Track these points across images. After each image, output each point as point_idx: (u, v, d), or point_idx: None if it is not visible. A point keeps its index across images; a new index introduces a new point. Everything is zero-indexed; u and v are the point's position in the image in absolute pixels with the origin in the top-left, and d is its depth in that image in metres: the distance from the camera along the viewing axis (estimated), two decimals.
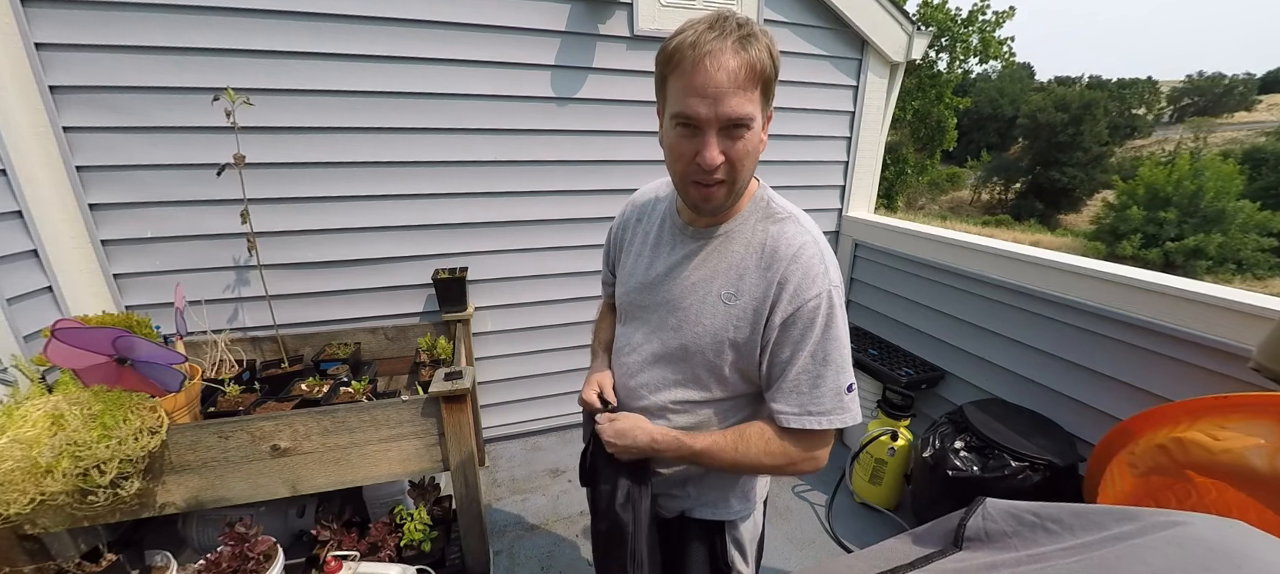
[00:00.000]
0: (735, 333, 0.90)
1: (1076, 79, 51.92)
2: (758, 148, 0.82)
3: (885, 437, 2.16)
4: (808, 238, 0.88)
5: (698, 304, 0.92)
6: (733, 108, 0.76)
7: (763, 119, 0.81)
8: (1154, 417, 1.49)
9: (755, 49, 0.75)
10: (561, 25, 2.19)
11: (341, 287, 2.24)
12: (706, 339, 0.91)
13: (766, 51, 0.77)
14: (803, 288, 0.85)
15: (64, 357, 1.23)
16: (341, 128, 2.05)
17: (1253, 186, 23.71)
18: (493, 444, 2.74)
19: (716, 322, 0.90)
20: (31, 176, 1.69)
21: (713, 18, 0.77)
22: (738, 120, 0.77)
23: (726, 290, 0.90)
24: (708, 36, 0.75)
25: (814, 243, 0.88)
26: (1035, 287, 2.02)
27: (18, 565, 1.38)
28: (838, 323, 0.86)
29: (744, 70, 0.75)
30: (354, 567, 1.55)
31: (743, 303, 0.89)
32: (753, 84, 0.76)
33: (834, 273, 0.87)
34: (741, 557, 1.11)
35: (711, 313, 0.91)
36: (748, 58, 0.75)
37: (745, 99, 0.76)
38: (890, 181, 20.47)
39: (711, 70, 0.74)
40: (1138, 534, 0.56)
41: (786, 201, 0.94)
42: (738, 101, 0.76)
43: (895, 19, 2.63)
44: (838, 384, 0.86)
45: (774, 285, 0.86)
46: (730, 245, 0.91)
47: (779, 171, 2.77)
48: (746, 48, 0.75)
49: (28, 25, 1.64)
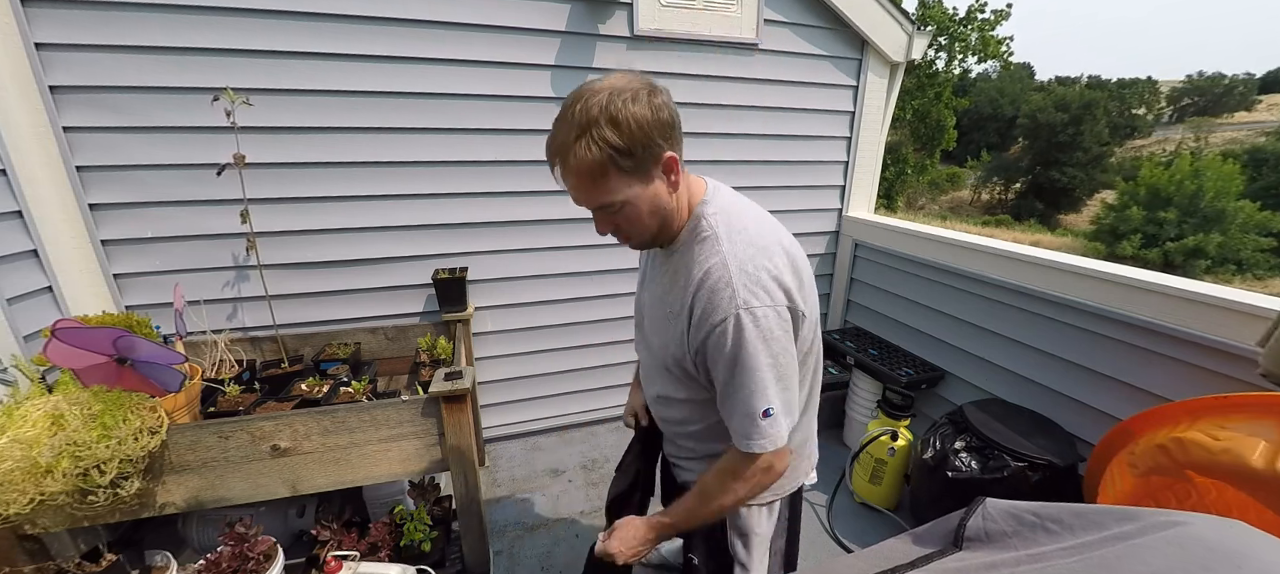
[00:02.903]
0: (677, 348, 0.96)
1: (1076, 79, 51.95)
2: (647, 206, 0.86)
3: (885, 437, 2.16)
4: (716, 260, 0.87)
5: (658, 319, 1.01)
6: (589, 205, 0.86)
7: (639, 182, 0.84)
8: (1154, 417, 1.49)
9: (585, 147, 0.78)
10: (561, 25, 2.19)
11: (341, 286, 2.24)
12: (663, 350, 1.00)
13: (601, 142, 0.78)
14: (707, 314, 0.86)
15: (64, 356, 1.23)
16: (341, 128, 2.05)
17: (1253, 186, 23.70)
18: (493, 444, 2.74)
19: (667, 336, 0.98)
20: (31, 176, 1.69)
21: (561, 113, 0.82)
22: (598, 209, 0.86)
23: (671, 309, 0.96)
24: (551, 147, 0.83)
25: (722, 265, 0.86)
26: (1035, 287, 2.02)
27: (18, 565, 1.38)
28: (748, 346, 0.83)
29: (583, 177, 0.81)
30: (354, 567, 1.55)
31: (679, 323, 0.93)
32: (596, 179, 0.81)
33: (744, 293, 0.84)
34: (743, 546, 1.10)
35: (663, 328, 0.99)
36: (582, 161, 0.79)
37: (596, 194, 0.83)
38: (890, 181, 20.49)
39: (562, 182, 0.84)
40: (1138, 534, 0.56)
41: (718, 218, 0.92)
42: (589, 199, 0.85)
43: (895, 19, 2.63)
44: (749, 409, 0.86)
45: (688, 309, 0.90)
46: (674, 267, 0.96)
47: (779, 171, 2.77)
48: (578, 151, 0.79)
49: (28, 25, 1.64)
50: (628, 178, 0.82)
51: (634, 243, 0.94)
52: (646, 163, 0.82)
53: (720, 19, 2.38)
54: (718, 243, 0.88)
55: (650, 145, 0.81)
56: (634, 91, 0.80)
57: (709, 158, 2.61)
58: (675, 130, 0.86)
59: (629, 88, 0.80)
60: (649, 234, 0.91)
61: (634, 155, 0.80)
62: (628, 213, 0.86)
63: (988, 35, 17.83)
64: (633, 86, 0.80)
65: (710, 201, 0.94)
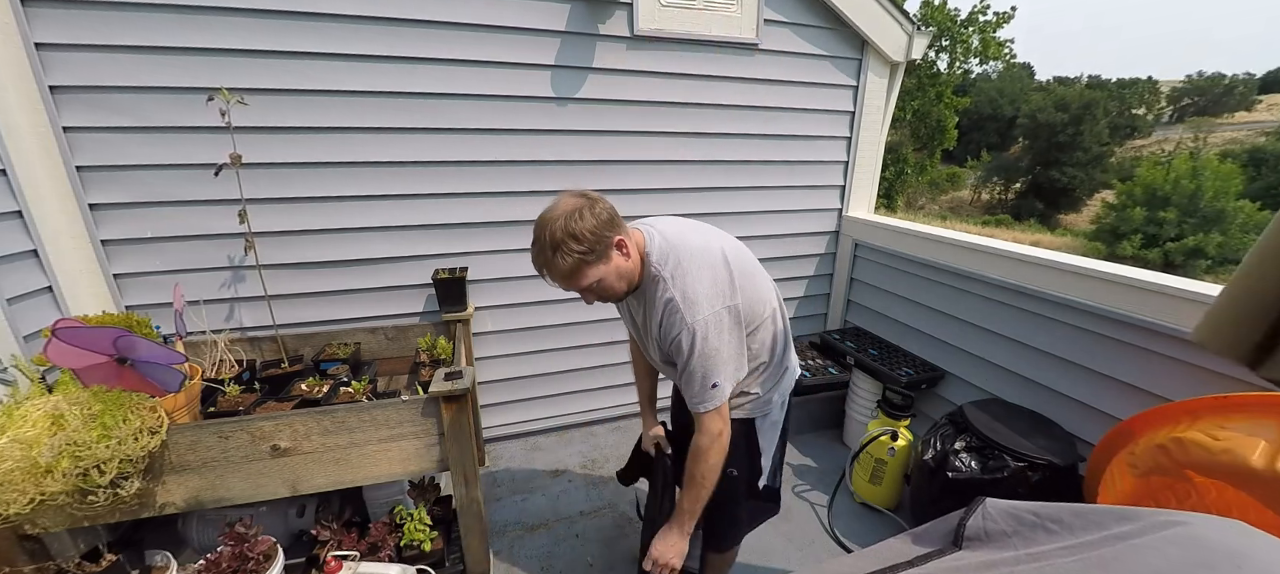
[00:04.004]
0: (661, 356, 1.31)
1: (1076, 79, 51.93)
2: (614, 276, 1.18)
3: (885, 437, 2.16)
4: (667, 296, 1.19)
5: (645, 336, 1.35)
6: (575, 291, 1.20)
7: (603, 264, 1.15)
8: (1154, 417, 1.49)
9: (560, 259, 1.11)
10: (561, 25, 2.19)
11: (341, 287, 2.24)
12: (657, 352, 1.32)
13: (568, 253, 1.10)
14: (668, 331, 1.22)
15: (65, 356, 1.23)
16: (341, 128, 2.05)
17: (1252, 186, 23.68)
18: (493, 444, 2.74)
19: (655, 344, 1.30)
20: (31, 176, 1.69)
21: (535, 239, 1.15)
22: (580, 292, 1.19)
23: (651, 331, 1.29)
24: (537, 263, 1.17)
25: (671, 300, 1.19)
26: (1035, 287, 2.02)
27: (18, 565, 1.38)
28: (695, 346, 1.17)
29: (566, 277, 1.15)
30: (354, 567, 1.55)
31: (657, 337, 1.27)
32: (573, 278, 1.14)
33: (688, 315, 1.17)
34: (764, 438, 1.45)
35: (651, 341, 1.32)
36: (561, 268, 1.13)
37: (578, 283, 1.16)
38: (890, 181, 20.47)
39: (552, 283, 1.19)
40: (1138, 534, 0.56)
41: (662, 262, 1.21)
42: (573, 287, 1.18)
43: (895, 19, 2.63)
44: (701, 383, 1.21)
45: (658, 328, 1.25)
46: (644, 300, 1.29)
47: (779, 171, 2.77)
48: (557, 263, 1.12)
49: (28, 25, 1.64)
50: (595, 266, 1.15)
51: (616, 299, 1.27)
52: (603, 250, 1.14)
53: (720, 19, 2.38)
54: (668, 285, 1.20)
55: (601, 239, 1.13)
56: (579, 210, 1.12)
57: (709, 158, 2.61)
58: (614, 221, 1.17)
59: (576, 208, 1.12)
60: (622, 292, 1.24)
61: (594, 251, 1.13)
62: (602, 287, 1.18)
63: (989, 37, 17.83)
64: (578, 207, 1.12)
65: (652, 250, 1.24)
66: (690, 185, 2.63)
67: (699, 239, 1.27)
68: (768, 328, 1.33)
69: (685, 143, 2.54)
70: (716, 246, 1.27)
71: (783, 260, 2.97)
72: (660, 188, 2.57)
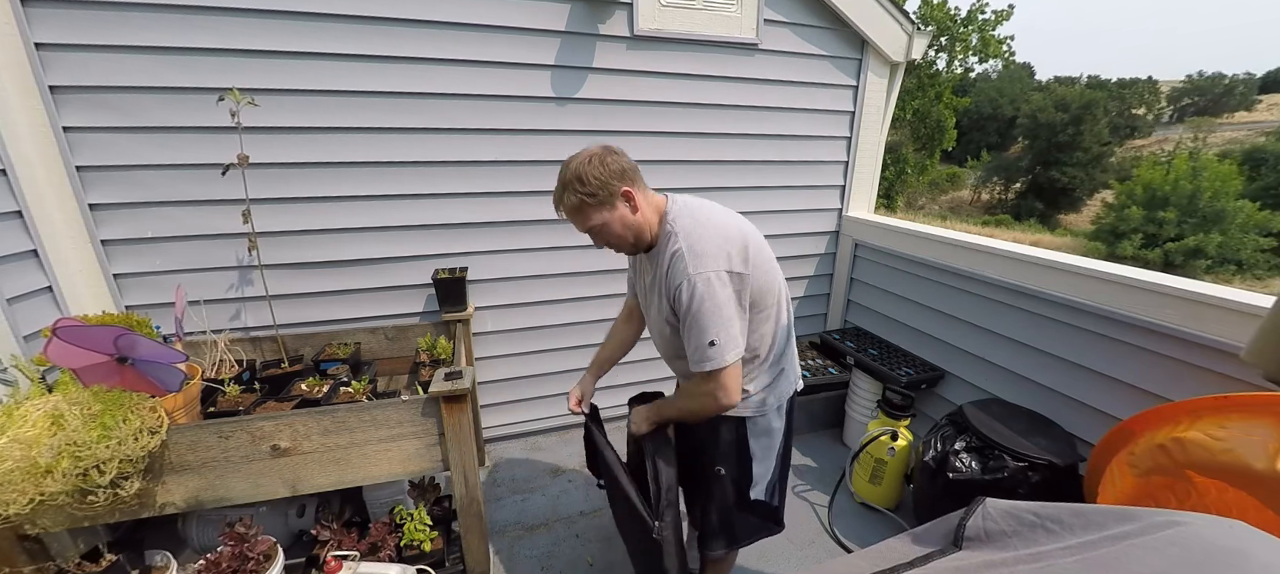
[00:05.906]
0: (662, 313, 1.33)
1: (1076, 79, 51.92)
2: (618, 225, 1.25)
3: (885, 437, 2.16)
4: (676, 248, 1.23)
5: (651, 295, 1.39)
6: (580, 230, 1.30)
7: (609, 210, 1.23)
8: (1154, 417, 1.49)
9: (568, 196, 1.23)
10: (561, 25, 2.19)
11: (341, 287, 2.24)
12: (658, 314, 1.36)
13: (573, 194, 1.21)
14: (671, 280, 1.25)
15: (65, 355, 1.23)
16: (342, 128, 2.05)
17: (1252, 186, 23.68)
18: (493, 444, 2.74)
19: (658, 304, 1.34)
20: (31, 177, 1.69)
21: (558, 179, 1.25)
22: (587, 231, 1.29)
23: (657, 286, 1.33)
24: (555, 200, 1.28)
25: (679, 251, 1.22)
26: (1035, 287, 2.02)
27: (18, 565, 1.38)
28: (696, 300, 1.19)
29: (572, 214, 1.26)
30: (354, 567, 1.55)
31: (662, 292, 1.30)
32: (579, 213, 1.25)
33: (693, 266, 1.20)
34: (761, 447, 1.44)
35: (655, 300, 1.36)
36: (568, 206, 1.24)
37: (582, 222, 1.26)
38: (890, 181, 20.48)
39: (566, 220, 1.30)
40: (1138, 534, 0.56)
41: (679, 220, 1.27)
42: (579, 226, 1.28)
43: (895, 19, 2.62)
44: (701, 341, 1.21)
45: (664, 280, 1.28)
46: (654, 259, 1.33)
47: (779, 171, 2.77)
48: (566, 200, 1.23)
49: (28, 25, 1.64)
50: (598, 210, 1.23)
51: (623, 249, 1.33)
52: (607, 198, 1.22)
53: (720, 19, 2.38)
54: (677, 237, 1.25)
55: (607, 187, 1.21)
56: (595, 158, 1.21)
57: (709, 157, 2.61)
58: (627, 174, 1.24)
59: (593, 155, 1.22)
60: (628, 243, 1.30)
61: (597, 196, 1.21)
62: (606, 232, 1.26)
63: (988, 35, 17.84)
64: (596, 153, 1.22)
65: (671, 211, 1.30)
66: (690, 185, 2.63)
67: (722, 215, 1.31)
68: (770, 320, 1.34)
69: (685, 143, 2.54)
70: (737, 224, 1.30)
71: (783, 260, 2.91)
72: (660, 188, 2.56)
